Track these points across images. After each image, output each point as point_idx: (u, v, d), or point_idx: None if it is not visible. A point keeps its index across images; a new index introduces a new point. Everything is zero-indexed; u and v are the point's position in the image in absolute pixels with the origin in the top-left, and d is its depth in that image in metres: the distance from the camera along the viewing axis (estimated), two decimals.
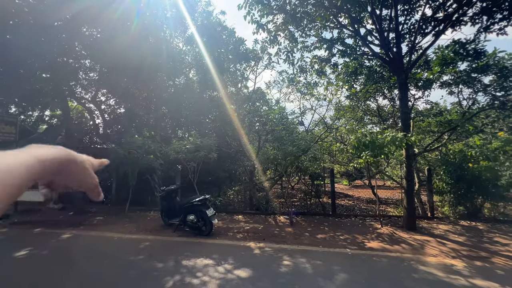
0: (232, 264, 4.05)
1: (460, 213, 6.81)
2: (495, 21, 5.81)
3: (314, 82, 9.54)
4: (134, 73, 9.53)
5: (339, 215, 7.26)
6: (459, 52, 6.86)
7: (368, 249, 4.80)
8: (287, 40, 7.19)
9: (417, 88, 8.94)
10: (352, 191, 15.26)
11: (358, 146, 5.67)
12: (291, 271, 3.83)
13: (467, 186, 6.76)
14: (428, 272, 3.76)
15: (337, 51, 8.11)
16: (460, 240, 5.21)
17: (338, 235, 5.69)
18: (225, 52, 12.34)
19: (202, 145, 6.81)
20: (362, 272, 3.76)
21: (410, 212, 5.90)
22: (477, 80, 7.82)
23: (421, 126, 10.22)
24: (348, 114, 10.03)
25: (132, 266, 4.06)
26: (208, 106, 11.53)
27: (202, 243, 5.23)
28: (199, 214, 5.61)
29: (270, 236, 5.63)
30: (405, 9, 7.09)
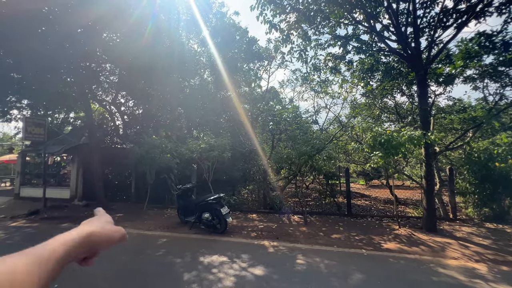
0: (247, 262, 4.12)
1: (485, 215, 6.45)
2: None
3: (328, 80, 9.38)
4: (151, 75, 9.86)
5: (354, 215, 7.13)
6: (484, 44, 6.48)
7: (384, 250, 4.69)
8: (300, 38, 7.13)
9: (438, 84, 8.55)
10: (369, 191, 14.87)
11: (374, 145, 5.54)
12: (306, 270, 3.83)
13: (493, 187, 6.40)
14: (449, 275, 3.62)
15: (352, 48, 7.92)
16: (484, 243, 4.96)
17: (353, 235, 5.60)
18: (238, 52, 12.45)
19: (216, 145, 6.94)
20: (377, 274, 3.70)
21: (430, 213, 5.68)
22: (504, 74, 7.35)
23: (443, 123, 9.78)
24: (364, 112, 9.78)
25: (150, 261, 4.24)
26: (222, 106, 11.70)
27: (217, 241, 5.34)
28: (214, 212, 5.73)
29: (284, 235, 5.65)
30: (424, 1, 6.80)
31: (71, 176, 10.38)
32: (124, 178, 10.17)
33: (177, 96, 12.39)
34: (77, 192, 9.97)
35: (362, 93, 9.23)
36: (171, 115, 13.23)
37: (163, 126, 12.65)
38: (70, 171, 10.75)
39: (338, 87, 9.49)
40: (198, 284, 3.38)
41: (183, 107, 13.02)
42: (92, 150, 8.86)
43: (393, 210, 7.78)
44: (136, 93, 11.71)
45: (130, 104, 13.10)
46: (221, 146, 7.01)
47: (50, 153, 9.97)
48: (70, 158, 11.21)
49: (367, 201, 11.65)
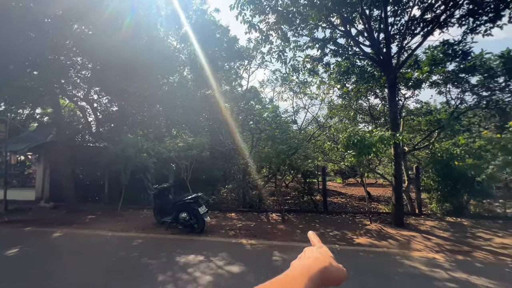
0: (224, 260, 4.13)
1: (446, 209, 7.01)
2: (480, 22, 5.98)
3: (307, 81, 9.63)
4: (127, 71, 9.48)
5: (330, 212, 7.40)
6: (447, 52, 7.04)
7: (356, 245, 4.93)
8: (279, 39, 7.25)
9: (407, 87, 9.11)
10: (345, 189, 15.47)
11: (348, 145, 5.79)
12: (282, 266, 3.93)
13: (453, 184, 6.97)
14: (412, 266, 3.90)
15: (329, 51, 8.20)
16: (444, 235, 5.40)
17: (328, 231, 5.82)
18: (218, 50, 12.36)
19: (195, 144, 6.85)
20: (349, 267, 3.83)
21: (398, 209, 6.07)
22: (464, 80, 8.01)
23: (412, 125, 10.44)
24: (340, 113, 10.17)
25: (124, 263, 4.11)
26: (202, 105, 11.54)
27: (194, 240, 5.29)
28: (191, 211, 5.67)
29: (262, 233, 5.73)
30: (395, 10, 7.22)
31: (36, 177, 9.68)
32: (96, 178, 9.67)
33: (155, 94, 12.01)
34: (43, 193, 9.33)
35: (338, 94, 9.59)
36: (149, 113, 12.80)
37: (140, 124, 12.22)
38: (36, 171, 10.02)
39: (316, 88, 9.78)
40: (173, 285, 3.34)
41: (162, 105, 12.65)
42: (60, 149, 8.33)
43: (366, 207, 8.18)
44: (110, 89, 11.18)
45: (104, 101, 12.49)
46: (200, 145, 6.94)
47: (12, 152, 9.22)
48: (36, 157, 10.45)
49: (343, 198, 12.10)
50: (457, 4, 6.08)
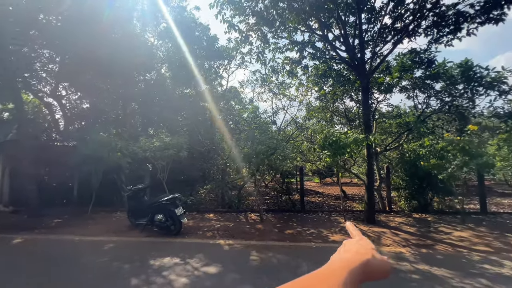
0: (200, 262, 4.08)
1: (413, 206, 7.51)
2: (443, 34, 6.49)
3: (286, 83, 9.82)
4: (100, 66, 9.01)
5: (307, 211, 7.59)
6: (415, 60, 7.55)
7: (331, 242, 5.12)
8: (259, 40, 7.31)
9: (380, 91, 9.62)
10: (322, 188, 15.94)
11: (324, 145, 5.99)
12: (258, 265, 3.96)
13: (419, 182, 7.48)
14: None
15: (307, 54, 8.41)
16: (411, 230, 5.77)
17: (305, 230, 5.96)
18: (198, 49, 12.14)
19: (172, 143, 6.67)
20: (323, 263, 4.01)
21: (370, 207, 6.38)
22: (430, 86, 8.63)
23: (384, 127, 11.03)
24: (317, 115, 10.47)
25: (93, 268, 3.89)
26: (180, 103, 11.27)
27: (170, 243, 5.16)
28: (167, 213, 5.52)
29: (240, 233, 5.73)
30: (369, 17, 7.60)
31: None
32: (64, 179, 9.05)
33: (131, 91, 11.53)
34: (2, 196, 8.54)
35: (316, 96, 9.87)
36: (124, 111, 12.25)
37: (114, 122, 11.64)
38: None
39: (294, 90, 10.00)
40: None
41: (138, 103, 12.18)
42: (22, 148, 7.68)
43: (341, 205, 8.50)
44: (81, 85, 10.54)
45: (73, 97, 11.74)
46: (177, 145, 6.77)
47: None
48: None
49: (320, 197, 12.47)
50: (423, 15, 6.55)
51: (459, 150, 5.75)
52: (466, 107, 7.23)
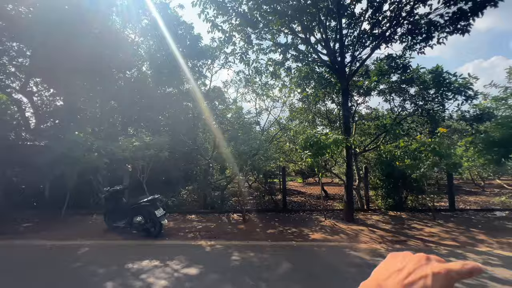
0: (180, 263, 4.02)
1: (389, 204, 7.86)
2: (416, 41, 6.88)
3: (269, 84, 9.92)
4: (76, 61, 8.59)
5: (289, 210, 7.71)
6: (391, 65, 7.92)
7: (311, 240, 5.24)
8: (242, 41, 7.32)
9: (360, 94, 10.00)
10: (305, 188, 16.24)
11: (305, 146, 6.13)
12: (239, 265, 3.97)
13: (395, 182, 7.85)
14: (358, 256, 4.30)
15: (290, 56, 8.55)
16: (386, 227, 6.05)
17: (286, 229, 6.05)
18: (181, 47, 11.93)
19: (152, 143, 6.51)
20: (303, 261, 4.12)
21: (349, 205, 6.61)
22: (405, 90, 9.10)
23: (363, 128, 11.46)
24: (300, 116, 10.68)
25: (64, 274, 3.71)
26: (162, 103, 11.01)
27: (150, 245, 5.04)
28: (147, 215, 5.38)
29: (222, 234, 5.71)
30: (349, 22, 7.87)
31: None
32: (35, 181, 8.50)
33: (110, 88, 11.09)
34: None
35: (298, 98, 10.06)
36: (102, 109, 11.76)
37: (91, 121, 11.13)
38: None
39: (278, 91, 10.13)
40: None
41: (118, 101, 11.74)
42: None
43: (321, 204, 8.72)
44: (55, 81, 9.99)
45: (46, 94, 11.09)
46: (158, 145, 6.61)
47: None
48: None
49: (303, 197, 12.70)
50: (399, 23, 6.90)
51: (430, 151, 6.11)
52: (436, 110, 7.70)
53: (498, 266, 3.81)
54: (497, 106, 7.44)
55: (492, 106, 7.49)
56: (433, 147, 6.07)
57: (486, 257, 4.16)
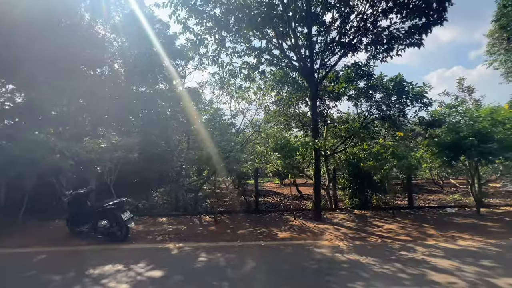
0: (145, 267, 3.98)
1: (356, 204, 8.33)
2: (379, 51, 7.41)
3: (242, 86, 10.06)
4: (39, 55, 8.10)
5: (261, 211, 7.88)
6: (357, 72, 8.42)
7: (279, 240, 5.43)
8: (215, 44, 7.37)
9: (331, 99, 10.46)
10: (282, 189, 16.58)
11: (275, 148, 6.33)
12: (205, 266, 4.03)
13: (361, 182, 8.33)
14: (320, 253, 4.55)
15: (265, 60, 8.76)
16: (350, 225, 6.43)
17: (256, 229, 6.20)
18: (155, 46, 11.65)
19: (120, 144, 6.33)
20: (268, 260, 4.27)
21: (316, 205, 6.92)
22: (372, 96, 9.70)
23: (335, 131, 11.99)
24: (274, 119, 10.94)
25: (16, 284, 3.52)
26: (134, 102, 10.69)
27: (115, 249, 4.91)
28: (113, 218, 5.24)
29: (191, 236, 5.71)
30: (320, 30, 8.22)
31: None
32: None
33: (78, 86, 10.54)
34: None
35: (273, 101, 10.31)
36: (69, 107, 11.13)
37: (55, 120, 10.49)
38: None
39: (252, 93, 10.30)
40: None
41: (87, 100, 11.18)
42: None
43: (291, 204, 9.02)
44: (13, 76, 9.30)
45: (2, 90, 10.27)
46: (127, 146, 6.44)
47: None
48: None
49: (278, 198, 12.96)
50: (364, 33, 7.38)
51: (390, 154, 6.61)
52: (397, 116, 8.32)
53: (440, 257, 4.24)
54: (450, 112, 8.22)
55: (446, 113, 8.26)
56: (391, 150, 6.56)
57: (432, 250, 4.61)
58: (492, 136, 6.75)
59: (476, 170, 7.70)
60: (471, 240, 5.14)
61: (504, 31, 10.15)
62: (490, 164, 7.16)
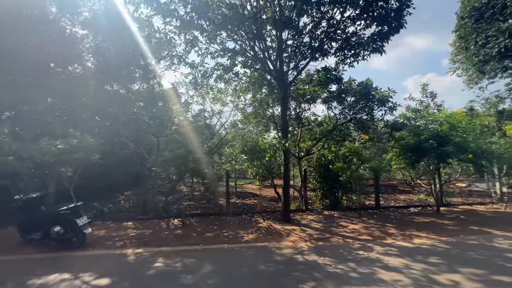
0: (93, 275, 3.79)
1: (326, 204, 8.49)
2: (347, 56, 7.63)
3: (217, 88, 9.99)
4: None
5: (232, 213, 7.82)
6: (328, 76, 8.62)
7: (243, 242, 5.39)
8: (184, 44, 7.25)
9: (306, 101, 10.63)
10: (262, 191, 16.58)
11: (243, 150, 6.31)
12: (158, 272, 3.91)
13: (331, 183, 8.51)
14: (281, 254, 4.56)
15: (239, 62, 8.73)
16: (317, 226, 6.53)
17: (223, 232, 6.13)
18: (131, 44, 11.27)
19: (81, 146, 6.04)
20: (226, 264, 4.22)
21: (285, 207, 6.97)
22: (344, 100, 9.96)
23: (312, 133, 12.18)
24: (251, 121, 10.94)
25: None
26: (105, 102, 10.28)
27: (68, 257, 4.65)
28: (67, 224, 4.97)
29: (155, 241, 5.54)
30: (293, 34, 8.32)
31: None
32: None
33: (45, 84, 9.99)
34: None
35: (245, 103, 10.31)
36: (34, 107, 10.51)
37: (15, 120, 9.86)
38: None
39: (227, 95, 10.25)
40: None
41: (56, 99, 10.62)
42: None
43: (267, 206, 9.03)
44: None
45: None
46: (88, 148, 6.16)
47: None
48: None
49: (256, 200, 12.96)
50: (333, 38, 7.58)
51: (354, 156, 6.80)
52: (364, 119, 8.60)
53: (394, 255, 4.40)
54: (415, 116, 8.61)
55: (411, 117, 8.65)
56: (356, 152, 6.76)
57: (388, 248, 4.77)
58: (450, 139, 7.16)
59: (436, 171, 8.11)
60: (426, 238, 5.39)
61: (463, 41, 10.86)
62: (448, 166, 7.55)
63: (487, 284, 3.31)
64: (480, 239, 5.20)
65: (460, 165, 8.30)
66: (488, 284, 3.31)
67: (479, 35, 9.61)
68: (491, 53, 9.28)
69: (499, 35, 8.86)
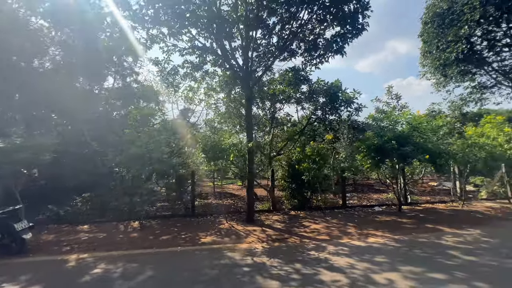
0: (21, 283, 3.55)
1: (295, 204, 8.49)
2: (313, 57, 7.65)
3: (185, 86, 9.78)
4: None
5: (197, 215, 7.65)
6: (297, 76, 8.63)
7: (199, 245, 5.24)
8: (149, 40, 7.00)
9: (279, 101, 10.61)
10: (241, 191, 16.45)
11: (205, 149, 6.17)
12: (93, 279, 3.70)
13: (300, 183, 8.51)
14: (230, 257, 4.45)
15: (209, 60, 8.54)
16: (279, 227, 6.48)
17: (182, 234, 5.95)
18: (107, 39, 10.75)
19: (27, 145, 5.66)
20: (171, 268, 4.07)
21: (249, 207, 6.89)
22: (316, 100, 10.02)
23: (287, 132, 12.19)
24: (224, 120, 10.81)
25: None
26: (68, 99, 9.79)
27: (3, 264, 4.32)
28: (4, 229, 4.62)
29: (105, 245, 5.29)
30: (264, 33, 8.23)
31: None
32: None
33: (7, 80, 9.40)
34: None
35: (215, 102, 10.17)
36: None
37: None
38: None
39: (199, 93, 10.07)
40: None
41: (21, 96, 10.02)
42: None
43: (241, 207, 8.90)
44: None
45: None
46: (37, 147, 5.79)
47: None
48: None
49: (233, 200, 12.81)
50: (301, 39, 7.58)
51: (317, 156, 6.82)
52: (331, 119, 8.69)
53: (343, 255, 4.41)
54: (382, 117, 8.79)
55: (377, 117, 8.82)
56: (319, 152, 6.79)
57: (340, 248, 4.78)
58: (411, 140, 7.34)
59: (399, 170, 8.31)
60: (381, 237, 5.47)
61: (427, 45, 11.26)
62: (409, 166, 7.75)
63: (420, 282, 3.36)
64: (430, 237, 5.34)
65: (423, 165, 8.54)
66: (421, 282, 3.36)
67: (440, 40, 10.01)
68: (450, 58, 9.67)
69: (458, 40, 9.25)
